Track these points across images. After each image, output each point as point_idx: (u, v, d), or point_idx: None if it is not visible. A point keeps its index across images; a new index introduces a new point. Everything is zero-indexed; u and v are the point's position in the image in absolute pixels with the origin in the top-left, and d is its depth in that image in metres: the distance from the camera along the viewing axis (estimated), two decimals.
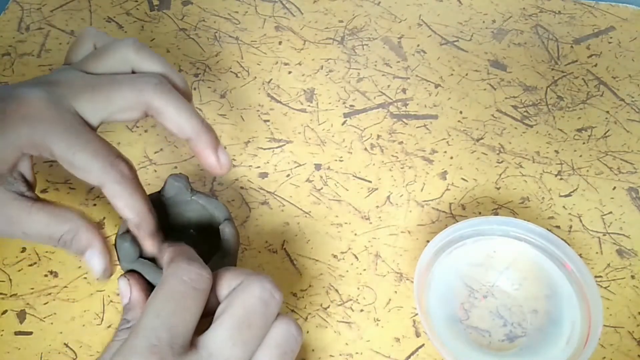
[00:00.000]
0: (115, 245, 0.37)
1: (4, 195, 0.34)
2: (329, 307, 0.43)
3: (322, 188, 0.49)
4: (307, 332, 0.42)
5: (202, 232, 0.42)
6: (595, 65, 0.58)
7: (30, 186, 0.36)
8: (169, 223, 0.41)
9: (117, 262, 0.36)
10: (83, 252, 0.35)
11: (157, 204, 0.40)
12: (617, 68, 0.58)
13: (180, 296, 0.30)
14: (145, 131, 0.51)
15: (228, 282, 0.32)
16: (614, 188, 0.50)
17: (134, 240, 0.36)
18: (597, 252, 0.46)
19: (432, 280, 0.42)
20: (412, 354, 0.41)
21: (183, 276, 0.30)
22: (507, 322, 0.42)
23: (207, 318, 0.31)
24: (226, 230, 0.39)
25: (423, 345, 0.42)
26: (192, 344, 0.29)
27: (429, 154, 0.51)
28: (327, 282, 0.44)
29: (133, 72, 0.37)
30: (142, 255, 0.37)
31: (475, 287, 0.43)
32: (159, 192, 0.40)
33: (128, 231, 0.37)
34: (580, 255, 0.43)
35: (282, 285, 0.44)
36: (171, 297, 0.30)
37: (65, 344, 0.40)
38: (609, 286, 0.45)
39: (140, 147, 0.50)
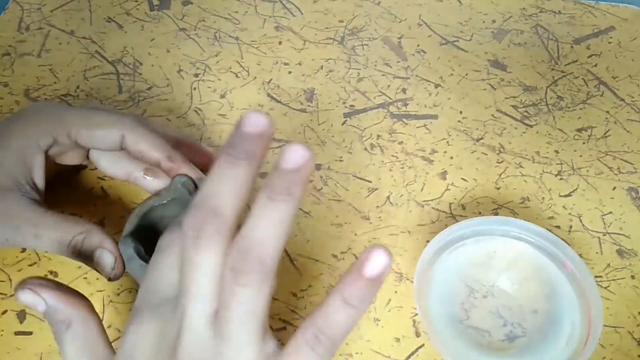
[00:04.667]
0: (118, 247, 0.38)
1: (21, 201, 0.37)
2: None
3: (322, 188, 0.49)
4: None
5: None
6: (595, 65, 0.58)
7: (42, 197, 0.39)
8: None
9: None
10: (94, 250, 0.37)
11: (162, 204, 0.40)
12: (617, 68, 0.58)
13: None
14: None
15: None
16: (614, 188, 0.50)
17: (136, 242, 0.38)
18: (597, 252, 0.46)
19: (432, 280, 0.42)
20: (412, 354, 0.41)
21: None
22: (507, 322, 0.42)
23: None
24: None
25: (423, 345, 0.42)
26: None
27: (429, 154, 0.51)
28: (327, 282, 0.44)
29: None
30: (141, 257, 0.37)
31: (475, 287, 0.43)
32: (163, 192, 0.40)
33: (129, 234, 0.37)
34: (580, 255, 0.43)
35: (282, 285, 0.44)
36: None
37: None
38: (609, 286, 0.45)
39: None
